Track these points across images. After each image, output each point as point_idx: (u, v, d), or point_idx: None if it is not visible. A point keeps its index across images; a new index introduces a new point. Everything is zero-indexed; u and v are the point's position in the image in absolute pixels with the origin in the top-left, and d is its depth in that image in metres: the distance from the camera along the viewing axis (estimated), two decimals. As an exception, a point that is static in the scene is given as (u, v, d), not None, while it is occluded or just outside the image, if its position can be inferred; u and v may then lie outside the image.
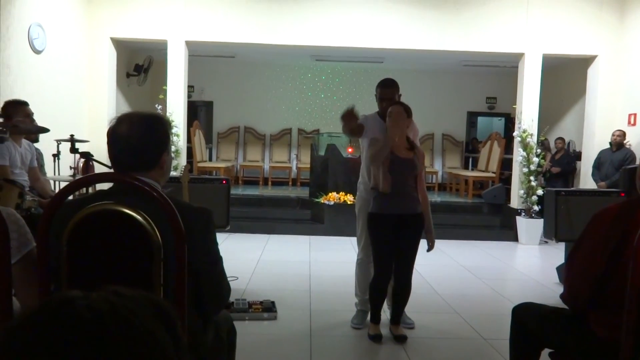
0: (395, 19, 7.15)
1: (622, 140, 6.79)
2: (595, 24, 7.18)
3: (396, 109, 3.14)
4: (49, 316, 0.53)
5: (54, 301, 0.55)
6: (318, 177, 7.69)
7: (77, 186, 1.55)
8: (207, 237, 1.55)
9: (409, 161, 3.17)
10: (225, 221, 4.10)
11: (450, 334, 3.49)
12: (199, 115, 10.77)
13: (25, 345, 0.52)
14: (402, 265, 3.22)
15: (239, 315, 3.47)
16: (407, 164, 3.16)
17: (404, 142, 3.19)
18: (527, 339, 2.00)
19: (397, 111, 3.12)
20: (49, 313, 0.53)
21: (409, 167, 3.16)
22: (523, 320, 2.03)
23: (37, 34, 5.81)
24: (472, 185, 8.79)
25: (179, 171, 6.43)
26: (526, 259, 6.34)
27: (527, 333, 1.99)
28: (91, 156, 4.20)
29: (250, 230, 6.84)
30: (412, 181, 3.19)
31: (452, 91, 10.75)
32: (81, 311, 0.53)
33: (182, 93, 7.24)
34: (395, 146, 3.14)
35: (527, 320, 2.02)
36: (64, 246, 1.43)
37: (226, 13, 7.10)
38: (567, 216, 4.24)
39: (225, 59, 9.80)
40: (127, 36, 7.18)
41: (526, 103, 7.26)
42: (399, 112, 3.12)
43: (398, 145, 3.16)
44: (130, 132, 1.49)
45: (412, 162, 3.17)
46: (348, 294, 3.84)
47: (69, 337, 0.51)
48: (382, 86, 3.47)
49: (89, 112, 7.10)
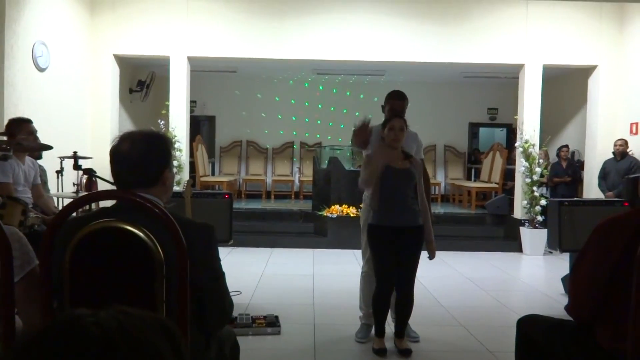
0: (396, 32, 7.20)
1: (624, 150, 6.79)
2: (595, 34, 7.22)
3: (399, 123, 3.14)
4: (58, 333, 0.54)
5: (62, 319, 0.56)
6: (321, 190, 7.70)
7: (79, 204, 1.56)
8: (210, 253, 1.55)
9: (404, 172, 3.13)
10: (228, 236, 4.10)
11: (455, 346, 3.46)
12: (202, 129, 10.83)
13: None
14: (403, 277, 3.20)
15: (242, 331, 3.45)
16: (403, 174, 3.13)
17: (398, 152, 3.17)
18: (533, 352, 1.98)
19: (400, 126, 3.13)
20: (58, 330, 0.54)
21: (405, 177, 3.13)
22: (528, 332, 2.01)
23: (41, 52, 5.87)
24: (475, 196, 8.78)
25: (182, 186, 6.44)
26: (530, 269, 6.30)
27: (533, 345, 1.98)
28: (94, 173, 4.22)
29: (254, 244, 6.83)
30: (411, 192, 3.15)
31: (453, 102, 10.79)
32: (90, 328, 0.54)
33: (184, 108, 7.29)
34: (390, 158, 3.13)
35: (532, 332, 2.00)
36: (66, 263, 1.43)
37: (227, 28, 7.17)
38: (571, 226, 4.23)
39: (226, 74, 9.88)
40: (130, 52, 7.25)
41: (527, 113, 7.27)
42: (402, 127, 3.13)
43: (393, 157, 3.15)
44: (131, 150, 1.50)
45: (408, 172, 3.13)
46: (352, 307, 3.82)
47: (78, 354, 0.52)
48: (394, 98, 3.45)
49: (92, 128, 7.15)
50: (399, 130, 3.11)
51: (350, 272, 5.14)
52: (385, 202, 3.14)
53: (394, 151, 3.14)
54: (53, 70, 6.15)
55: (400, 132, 3.12)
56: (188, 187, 3.76)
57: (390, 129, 3.12)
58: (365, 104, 10.52)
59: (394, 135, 3.11)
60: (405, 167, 3.15)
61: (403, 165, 3.15)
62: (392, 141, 3.12)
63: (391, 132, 3.12)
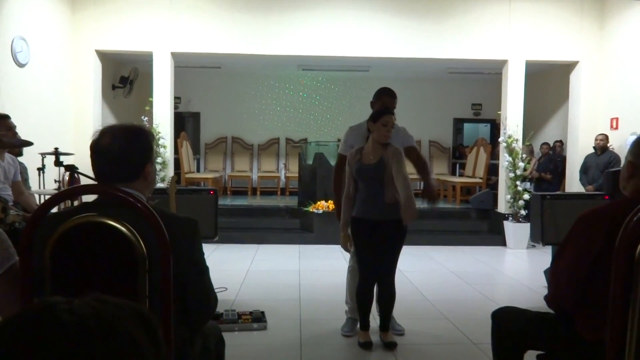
0: (381, 27, 7.22)
1: (605, 144, 6.90)
2: (576, 30, 7.31)
3: (391, 119, 3.14)
4: (31, 320, 0.53)
5: (36, 306, 0.55)
6: (306, 186, 7.70)
7: (59, 199, 1.54)
8: (193, 247, 1.54)
9: (376, 166, 3.11)
10: (214, 232, 4.08)
11: (440, 339, 3.49)
12: (186, 126, 10.74)
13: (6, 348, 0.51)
14: (384, 270, 3.23)
15: (228, 327, 3.45)
16: (375, 169, 3.11)
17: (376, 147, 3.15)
18: (510, 342, 2.00)
19: (392, 123, 3.14)
20: (30, 317, 0.53)
21: (378, 171, 3.11)
22: (503, 323, 2.04)
23: (20, 48, 5.77)
24: (459, 191, 8.85)
25: (166, 182, 6.39)
26: (514, 263, 6.38)
27: (509, 336, 2.00)
28: (76, 169, 4.16)
29: (240, 241, 6.81)
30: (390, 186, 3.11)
31: (438, 98, 10.85)
32: (63, 315, 0.53)
33: (168, 104, 7.22)
34: (363, 155, 3.16)
35: (508, 323, 2.03)
36: (47, 259, 1.41)
37: (211, 24, 7.11)
38: (553, 220, 4.29)
39: (211, 70, 9.80)
40: (112, 48, 7.15)
41: (511, 109, 7.35)
42: (393, 124, 3.14)
43: (366, 153, 3.17)
44: (112, 144, 1.49)
45: (379, 165, 3.10)
46: (338, 302, 3.84)
47: (51, 340, 0.51)
48: (387, 95, 3.44)
49: (74, 124, 7.05)
50: (391, 127, 3.13)
51: (336, 268, 5.16)
52: (363, 200, 3.17)
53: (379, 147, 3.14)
54: (33, 66, 6.05)
55: (391, 128, 3.13)
56: (172, 183, 3.73)
57: (384, 125, 3.11)
58: (349, 100, 10.54)
59: (385, 132, 3.11)
60: (377, 160, 3.13)
61: (375, 158, 3.14)
62: (383, 137, 3.12)
63: (384, 128, 3.10)
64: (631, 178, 1.76)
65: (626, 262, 1.50)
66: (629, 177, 1.77)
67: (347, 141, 3.54)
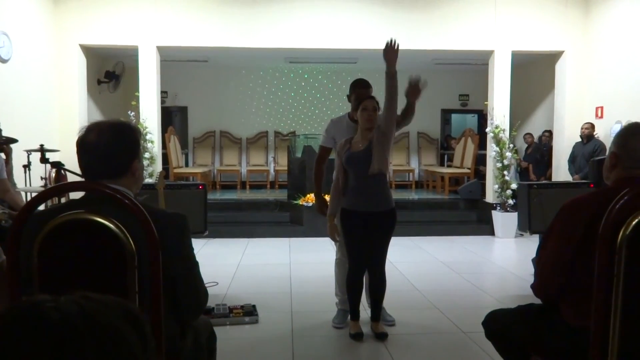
0: (367, 19, 7.21)
1: (591, 133, 6.97)
2: (561, 20, 7.36)
3: (371, 103, 3.13)
4: (16, 318, 0.53)
5: (21, 304, 0.55)
6: (296, 179, 7.70)
7: (45, 196, 1.53)
8: (182, 243, 1.54)
9: (363, 151, 3.11)
10: (203, 227, 4.08)
11: (431, 329, 3.53)
12: (174, 120, 10.67)
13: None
14: (373, 260, 3.25)
15: (220, 321, 3.46)
16: (362, 154, 3.11)
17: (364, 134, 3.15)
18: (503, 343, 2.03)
19: (373, 106, 3.12)
20: (16, 315, 0.53)
21: (364, 156, 3.10)
22: (495, 330, 2.06)
23: (2, 43, 5.68)
24: (448, 182, 8.91)
25: (155, 178, 6.36)
26: (503, 252, 6.45)
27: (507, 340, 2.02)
28: (62, 166, 4.13)
29: (230, 235, 6.80)
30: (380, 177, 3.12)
31: (425, 89, 10.83)
32: (49, 313, 0.53)
33: (155, 99, 7.16)
34: (353, 144, 3.17)
35: (498, 326, 2.05)
36: (34, 257, 1.40)
37: (197, 17, 7.05)
38: (539, 209, 4.34)
39: (198, 64, 9.73)
40: (97, 42, 7.07)
41: (497, 99, 7.39)
42: (374, 107, 3.13)
43: (355, 142, 3.17)
44: (98, 140, 1.48)
45: (367, 149, 3.10)
46: (328, 294, 3.86)
47: (37, 338, 0.51)
48: (359, 86, 3.44)
49: (59, 120, 6.97)
50: (372, 110, 3.12)
51: (327, 260, 5.17)
52: (353, 190, 3.17)
53: (367, 133, 3.14)
54: (16, 62, 5.96)
55: (373, 112, 3.12)
56: (161, 178, 3.71)
57: (364, 109, 3.11)
58: (337, 92, 10.53)
59: (367, 115, 3.10)
60: (365, 147, 3.12)
61: (363, 144, 3.13)
62: (366, 121, 3.12)
63: (364, 112, 3.10)
64: (614, 168, 1.79)
65: (609, 250, 1.52)
66: (611, 167, 1.80)
67: (328, 133, 3.56)
